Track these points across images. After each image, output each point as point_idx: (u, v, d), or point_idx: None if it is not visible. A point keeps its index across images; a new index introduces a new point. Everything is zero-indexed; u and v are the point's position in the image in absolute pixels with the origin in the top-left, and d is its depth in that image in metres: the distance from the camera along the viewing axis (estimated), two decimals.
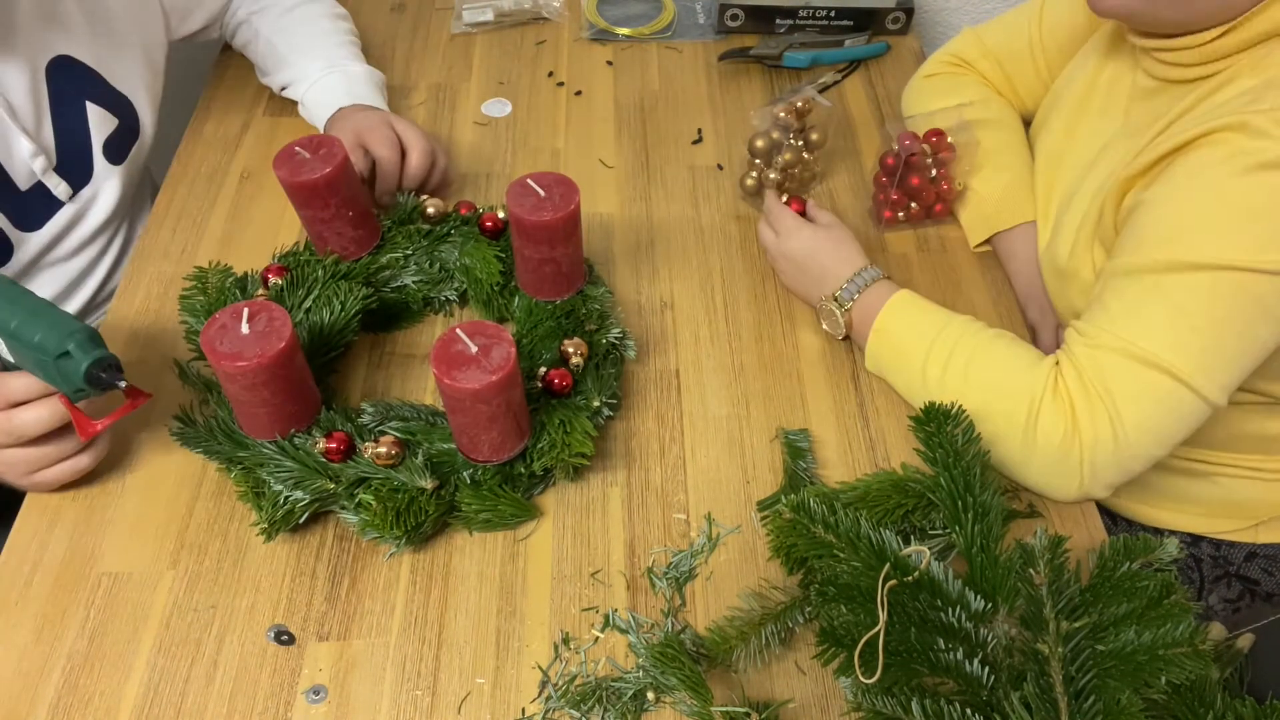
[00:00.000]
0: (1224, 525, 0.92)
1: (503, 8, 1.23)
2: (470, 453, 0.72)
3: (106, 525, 0.74)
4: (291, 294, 0.81)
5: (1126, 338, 0.70)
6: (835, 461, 0.80)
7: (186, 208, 0.98)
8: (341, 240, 0.85)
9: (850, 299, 0.85)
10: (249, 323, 0.68)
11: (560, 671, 0.68)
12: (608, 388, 0.78)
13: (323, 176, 0.79)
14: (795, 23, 1.20)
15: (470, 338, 0.67)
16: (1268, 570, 0.93)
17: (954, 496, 0.64)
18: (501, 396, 0.66)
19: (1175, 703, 0.58)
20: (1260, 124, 0.65)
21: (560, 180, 0.79)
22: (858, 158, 1.07)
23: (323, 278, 0.82)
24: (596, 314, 0.83)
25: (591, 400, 0.76)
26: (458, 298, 0.90)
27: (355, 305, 0.81)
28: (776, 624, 0.67)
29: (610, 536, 0.75)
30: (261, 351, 0.67)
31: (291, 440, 0.72)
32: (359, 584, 0.72)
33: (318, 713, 0.66)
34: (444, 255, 0.88)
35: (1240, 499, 0.90)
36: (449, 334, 0.67)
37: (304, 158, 0.80)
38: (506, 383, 0.66)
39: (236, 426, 0.74)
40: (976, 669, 0.56)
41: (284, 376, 0.69)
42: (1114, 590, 0.60)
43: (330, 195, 0.81)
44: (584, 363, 0.78)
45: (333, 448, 0.71)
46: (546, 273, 0.81)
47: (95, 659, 0.67)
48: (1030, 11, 0.98)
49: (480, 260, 0.86)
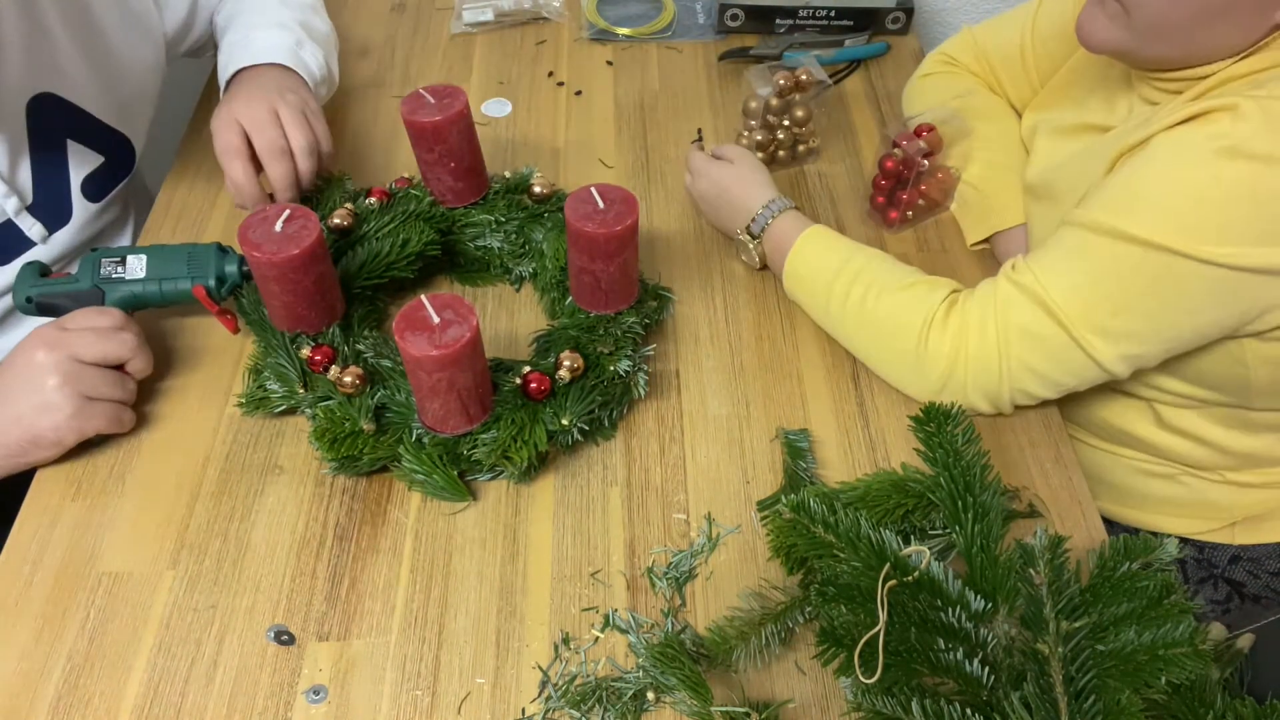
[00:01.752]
0: (1199, 526, 0.93)
1: (503, 8, 1.23)
2: (420, 415, 0.74)
3: (106, 525, 0.74)
4: (377, 217, 0.86)
5: (1045, 282, 0.73)
6: (835, 461, 0.80)
7: (186, 208, 0.98)
8: (441, 187, 0.90)
9: (761, 229, 0.88)
10: (285, 223, 0.74)
11: (560, 671, 0.68)
12: (583, 410, 0.76)
13: (430, 122, 0.84)
14: (795, 23, 1.20)
15: (436, 309, 0.68)
16: (1252, 573, 0.94)
17: (954, 496, 0.64)
18: (443, 372, 0.68)
19: (1175, 703, 0.58)
20: (1248, 108, 0.65)
21: (625, 199, 0.78)
22: (857, 157, 1.07)
23: (411, 212, 0.87)
24: (621, 339, 0.80)
25: (561, 417, 0.75)
26: (530, 275, 0.91)
27: (415, 247, 0.85)
28: (776, 624, 0.67)
29: (610, 536, 0.75)
30: (278, 251, 0.72)
31: (293, 338, 0.78)
32: (359, 584, 0.72)
33: (318, 713, 0.66)
34: (532, 232, 0.90)
35: (1210, 500, 0.90)
36: (419, 299, 0.69)
37: (427, 102, 0.85)
38: (449, 361, 0.67)
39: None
40: (976, 669, 0.56)
41: (295, 280, 0.74)
42: (1114, 590, 0.60)
43: (435, 142, 0.85)
44: (572, 378, 0.76)
45: (315, 359, 0.76)
46: (585, 282, 0.81)
47: (95, 659, 0.67)
48: (1026, 15, 0.98)
49: (552, 247, 0.88)
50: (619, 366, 0.79)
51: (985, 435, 0.70)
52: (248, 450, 0.79)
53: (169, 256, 0.82)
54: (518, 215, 0.91)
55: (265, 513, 0.75)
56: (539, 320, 0.90)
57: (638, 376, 0.81)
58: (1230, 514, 0.91)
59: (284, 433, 0.80)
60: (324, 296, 0.78)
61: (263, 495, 0.76)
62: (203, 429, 0.80)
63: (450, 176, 0.88)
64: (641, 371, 0.81)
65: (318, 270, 0.75)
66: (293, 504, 0.76)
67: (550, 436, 0.75)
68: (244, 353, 0.84)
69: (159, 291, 0.81)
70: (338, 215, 0.84)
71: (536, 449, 0.74)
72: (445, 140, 0.85)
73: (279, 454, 0.79)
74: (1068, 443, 0.82)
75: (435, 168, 0.88)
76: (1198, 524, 0.93)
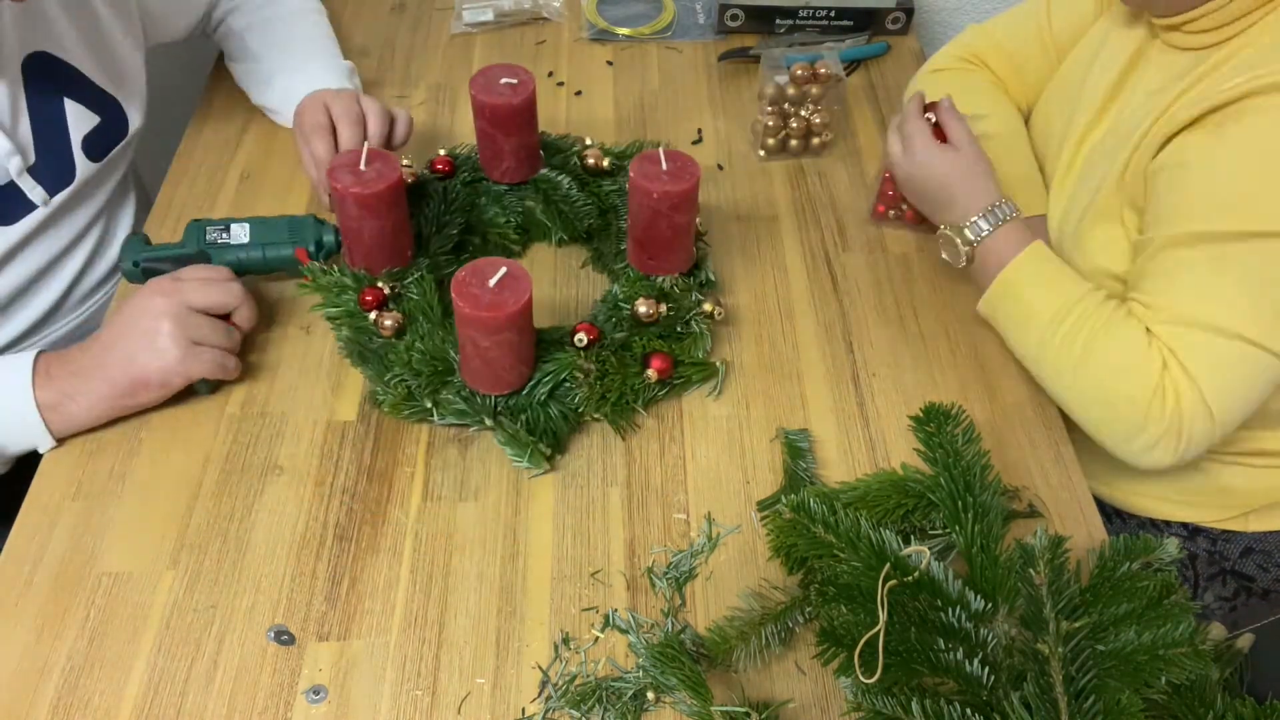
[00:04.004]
0: (1215, 514, 0.92)
1: (503, 8, 1.23)
2: (465, 373, 0.78)
3: (106, 525, 0.74)
4: (435, 186, 0.92)
5: (1203, 310, 0.71)
6: (835, 461, 0.80)
7: (186, 208, 0.98)
8: (486, 159, 0.93)
9: (978, 238, 0.82)
10: (368, 165, 0.80)
11: (560, 671, 0.68)
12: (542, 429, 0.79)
13: (487, 103, 0.87)
14: (795, 23, 1.20)
15: (490, 277, 0.72)
16: (1263, 566, 0.93)
17: (954, 496, 0.64)
18: (472, 332, 0.72)
19: (1175, 703, 0.58)
20: None
21: (687, 164, 0.81)
22: (858, 157, 1.07)
23: (462, 182, 0.93)
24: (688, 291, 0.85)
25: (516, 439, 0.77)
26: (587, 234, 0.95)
27: (453, 227, 0.91)
28: (776, 624, 0.67)
29: (610, 536, 0.75)
30: (363, 188, 0.78)
31: (358, 274, 0.84)
32: (359, 584, 0.72)
33: (318, 713, 0.66)
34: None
35: (1227, 486, 0.90)
36: (485, 262, 0.73)
37: (499, 83, 0.88)
38: (479, 322, 0.71)
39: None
40: (976, 669, 0.56)
41: (371, 218, 0.80)
42: (1114, 590, 0.60)
43: (492, 124, 0.89)
44: (649, 321, 0.82)
45: (368, 300, 0.82)
46: (635, 238, 0.85)
47: (95, 659, 0.67)
48: (1037, 4, 0.98)
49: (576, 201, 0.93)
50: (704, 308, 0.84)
51: (985, 435, 0.70)
52: (248, 450, 0.79)
53: (270, 225, 0.87)
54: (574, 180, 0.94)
55: (265, 513, 0.75)
56: (580, 287, 0.94)
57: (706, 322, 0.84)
58: (1246, 501, 0.91)
59: (284, 433, 0.80)
60: (391, 238, 0.83)
61: (263, 495, 0.76)
62: (203, 429, 0.80)
63: (492, 155, 0.91)
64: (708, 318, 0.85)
65: (389, 214, 0.81)
66: (293, 504, 0.76)
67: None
68: (245, 354, 0.84)
69: (262, 257, 0.86)
70: (439, 162, 0.93)
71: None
72: (502, 124, 0.88)
73: (279, 454, 0.79)
74: (1068, 443, 0.82)
75: (486, 142, 0.91)
76: (1213, 512, 0.92)
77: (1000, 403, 0.85)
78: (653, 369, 0.80)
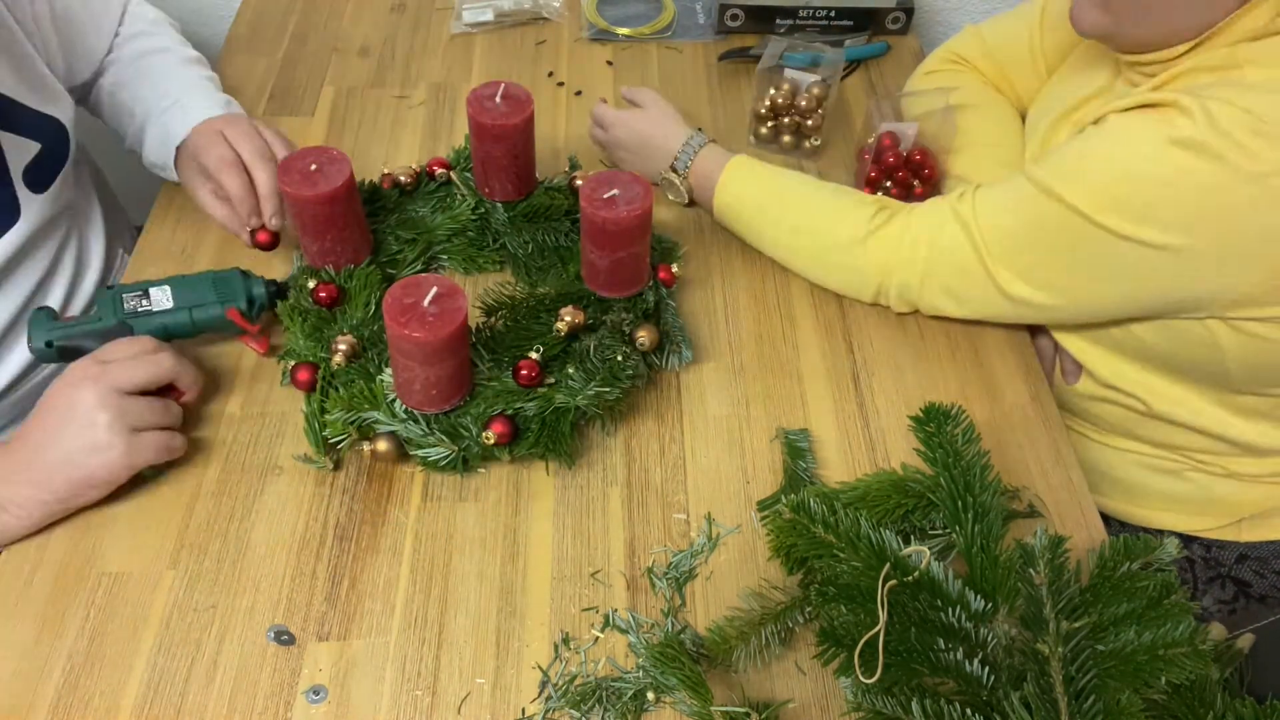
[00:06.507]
0: (1207, 523, 0.93)
1: (503, 8, 1.23)
2: (402, 392, 0.75)
3: (106, 525, 0.74)
4: (425, 187, 0.94)
5: (981, 218, 0.80)
6: (835, 461, 0.80)
7: (186, 207, 0.98)
8: (492, 183, 0.92)
9: (686, 166, 0.94)
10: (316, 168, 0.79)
11: (560, 671, 0.68)
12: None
13: (479, 122, 0.86)
14: (795, 23, 1.20)
15: (426, 296, 0.69)
16: (1259, 572, 0.94)
17: (954, 496, 0.64)
18: (400, 346, 0.70)
19: (1175, 703, 0.58)
20: (1188, 104, 0.68)
21: (635, 183, 0.79)
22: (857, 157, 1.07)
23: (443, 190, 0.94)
24: (638, 317, 0.82)
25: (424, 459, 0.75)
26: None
27: (425, 237, 0.91)
28: (776, 624, 0.67)
29: (610, 536, 0.75)
30: (312, 189, 0.78)
31: (324, 272, 0.84)
32: (359, 584, 0.72)
33: (318, 713, 0.66)
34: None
35: (1217, 496, 0.91)
36: (420, 279, 0.71)
37: (496, 102, 0.86)
38: (406, 343, 0.68)
39: None
40: (976, 669, 0.56)
41: (321, 216, 0.80)
42: (1114, 590, 0.60)
43: (485, 141, 0.88)
44: (570, 332, 0.79)
45: (322, 295, 0.82)
46: (588, 260, 0.84)
47: (95, 659, 0.67)
48: (1032, 11, 0.99)
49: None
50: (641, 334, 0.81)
51: (985, 435, 0.70)
52: (248, 450, 0.79)
53: (192, 284, 0.81)
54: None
55: (265, 513, 0.75)
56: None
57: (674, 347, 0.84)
58: (1237, 510, 0.91)
59: (284, 433, 0.80)
60: (348, 233, 0.83)
61: (263, 495, 0.76)
62: (203, 429, 0.80)
63: (484, 171, 0.91)
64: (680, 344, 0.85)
65: (344, 206, 0.80)
66: (293, 504, 0.76)
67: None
68: (241, 354, 0.84)
69: (189, 320, 0.80)
70: (403, 173, 0.93)
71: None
72: (493, 142, 0.87)
73: (279, 454, 0.79)
74: (1068, 442, 0.82)
75: (480, 159, 0.90)
76: (1205, 521, 0.93)
77: (1000, 403, 0.85)
78: (492, 430, 0.74)
